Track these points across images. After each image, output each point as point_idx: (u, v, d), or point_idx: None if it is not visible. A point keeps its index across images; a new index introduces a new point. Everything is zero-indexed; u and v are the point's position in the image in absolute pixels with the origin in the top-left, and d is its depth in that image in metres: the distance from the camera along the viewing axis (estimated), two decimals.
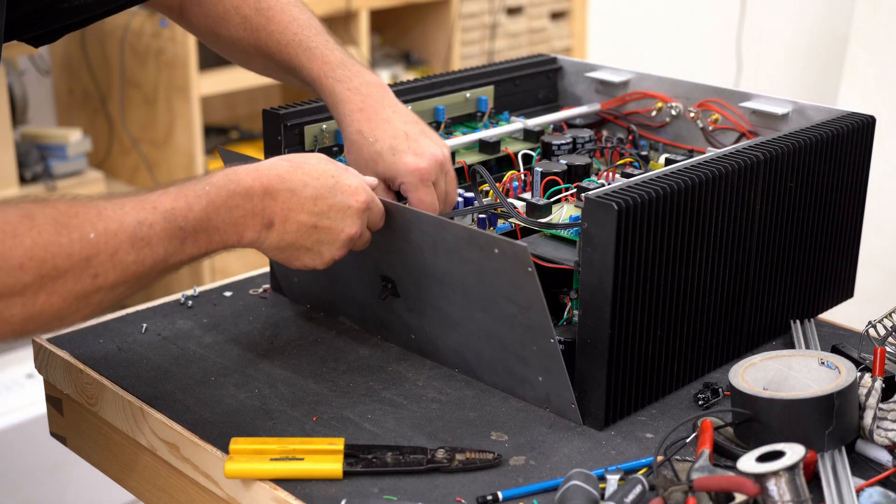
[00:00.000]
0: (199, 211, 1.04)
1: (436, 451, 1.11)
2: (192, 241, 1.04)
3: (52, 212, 0.95)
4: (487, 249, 1.13)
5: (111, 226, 0.98)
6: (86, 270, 0.96)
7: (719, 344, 1.28)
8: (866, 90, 2.97)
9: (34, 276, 0.93)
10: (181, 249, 1.03)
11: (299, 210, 1.10)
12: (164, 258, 1.02)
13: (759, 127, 1.47)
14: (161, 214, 1.01)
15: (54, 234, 0.94)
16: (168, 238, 1.01)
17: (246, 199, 1.07)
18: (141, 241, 0.99)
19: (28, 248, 0.93)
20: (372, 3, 3.35)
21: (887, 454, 1.10)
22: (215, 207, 1.05)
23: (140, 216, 1.00)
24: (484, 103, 1.57)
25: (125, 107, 3.15)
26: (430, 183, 1.26)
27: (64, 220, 0.95)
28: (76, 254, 0.95)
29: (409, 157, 1.25)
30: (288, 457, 1.09)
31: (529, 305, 1.13)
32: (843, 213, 1.40)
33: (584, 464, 1.11)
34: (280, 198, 1.09)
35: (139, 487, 1.29)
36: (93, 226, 0.97)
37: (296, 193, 1.10)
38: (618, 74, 1.61)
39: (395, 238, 1.22)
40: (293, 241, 1.11)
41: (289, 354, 1.33)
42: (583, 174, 1.39)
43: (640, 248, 1.13)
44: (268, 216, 1.09)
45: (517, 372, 1.20)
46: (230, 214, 1.06)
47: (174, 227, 1.02)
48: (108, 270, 0.98)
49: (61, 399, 1.37)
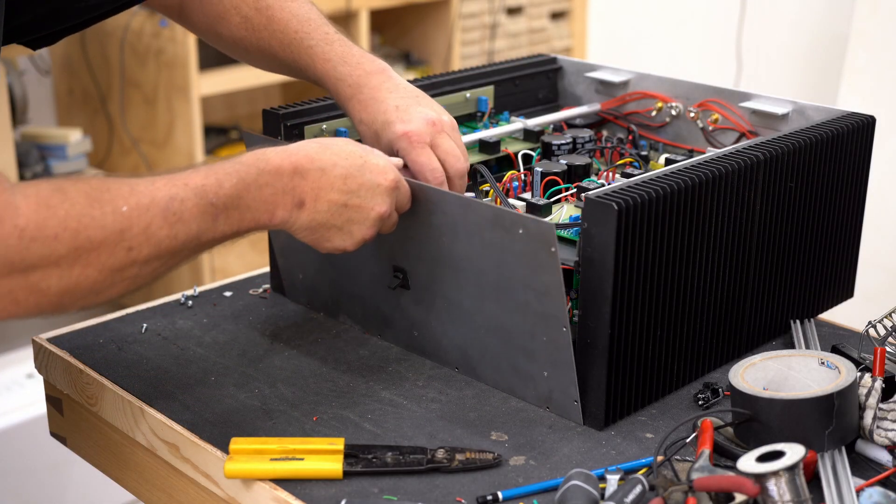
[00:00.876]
0: (229, 188, 1.04)
1: (436, 451, 1.11)
2: (224, 218, 1.04)
3: (84, 187, 0.96)
4: (512, 230, 1.13)
5: (143, 200, 0.98)
6: (120, 243, 0.97)
7: (719, 344, 1.28)
8: (866, 90, 2.97)
9: (69, 246, 0.94)
10: (213, 227, 1.04)
11: (329, 189, 1.11)
12: (196, 234, 1.02)
13: (759, 127, 1.47)
14: (192, 191, 1.01)
15: (87, 207, 0.95)
16: (200, 214, 1.02)
17: (276, 177, 1.08)
18: (173, 215, 1.00)
19: (62, 219, 0.93)
20: (372, 3, 3.35)
21: (887, 454, 1.10)
22: (245, 185, 1.05)
23: (172, 192, 1.00)
24: (484, 103, 1.57)
25: (125, 107, 3.15)
26: (425, 145, 1.25)
27: (96, 194, 0.96)
28: (109, 226, 0.96)
29: (398, 125, 1.26)
30: (288, 457, 1.09)
31: (546, 290, 1.13)
32: (843, 213, 1.40)
33: (584, 464, 1.11)
34: (310, 177, 1.09)
35: (139, 487, 1.29)
36: (125, 200, 0.97)
37: (326, 172, 1.10)
38: (618, 74, 1.61)
39: (415, 223, 1.22)
40: (324, 220, 1.12)
41: (289, 354, 1.33)
42: (583, 174, 1.39)
43: (640, 248, 1.13)
44: (298, 195, 1.09)
45: (521, 368, 1.20)
46: (260, 192, 1.06)
47: (206, 204, 1.02)
48: (141, 244, 0.98)
49: (61, 399, 1.37)
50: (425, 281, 1.26)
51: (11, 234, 0.91)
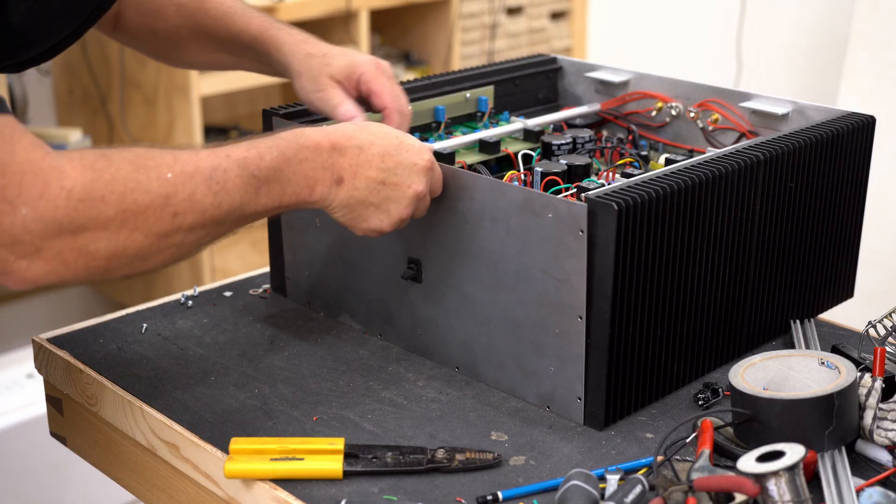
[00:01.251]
0: (270, 161, 1.06)
1: (436, 451, 1.11)
2: (265, 190, 1.06)
3: (128, 154, 0.99)
4: (541, 213, 1.14)
5: (187, 168, 1.01)
6: (166, 208, 0.99)
7: (719, 344, 1.28)
8: (866, 90, 2.97)
9: (116, 209, 0.96)
10: (255, 198, 1.06)
11: (367, 166, 1.13)
12: (240, 205, 1.05)
13: (759, 127, 1.47)
14: (235, 162, 1.04)
15: (133, 171, 0.97)
16: (243, 185, 1.04)
17: (315, 152, 1.10)
18: (217, 184, 1.02)
19: (108, 182, 0.95)
20: (372, 3, 3.35)
21: (887, 454, 1.10)
22: (286, 159, 1.08)
23: (215, 162, 1.03)
24: (484, 103, 1.57)
25: (125, 107, 3.15)
26: (390, 76, 1.30)
27: (140, 161, 0.99)
28: (155, 190, 0.98)
29: (360, 56, 1.30)
30: (288, 457, 1.09)
31: (567, 277, 1.14)
32: (843, 213, 1.40)
33: (584, 464, 1.11)
34: (349, 154, 1.12)
35: (139, 487, 1.29)
36: (169, 167, 1.00)
37: (364, 150, 1.13)
38: (618, 74, 1.61)
39: (439, 210, 1.23)
40: (363, 197, 1.14)
41: (289, 354, 1.33)
42: (583, 174, 1.39)
43: (640, 248, 1.13)
44: (337, 171, 1.12)
45: (527, 364, 1.20)
46: (301, 167, 1.09)
47: (248, 175, 1.05)
48: (186, 210, 1.00)
49: (61, 399, 1.37)
50: (439, 273, 1.26)
51: (59, 195, 0.93)
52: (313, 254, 1.41)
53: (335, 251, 1.38)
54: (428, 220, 1.25)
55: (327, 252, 1.39)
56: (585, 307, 1.13)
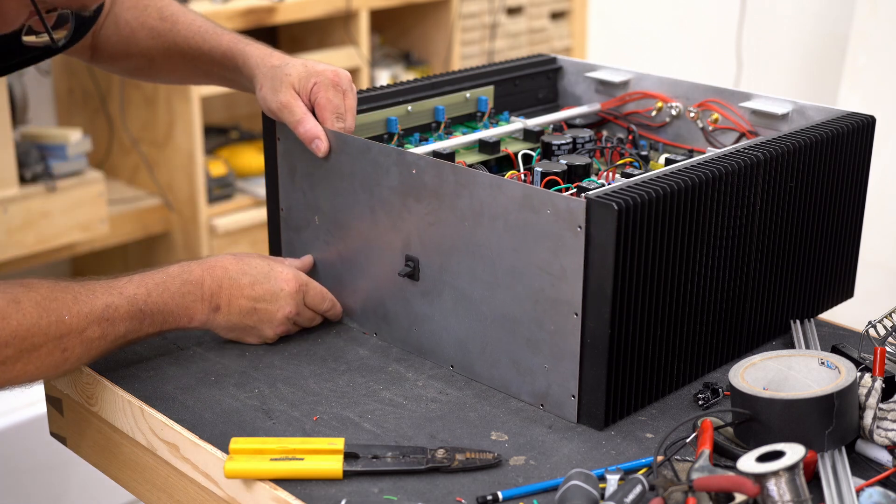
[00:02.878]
0: (157, 297, 1.25)
1: (436, 451, 1.11)
2: (149, 321, 1.25)
3: (35, 296, 1.16)
4: (540, 210, 1.15)
5: (84, 308, 1.19)
6: (58, 346, 1.17)
7: (719, 344, 1.28)
8: (866, 90, 2.97)
9: (16, 350, 1.14)
10: (139, 328, 1.24)
11: (239, 296, 1.30)
12: (124, 334, 1.23)
13: (759, 127, 1.47)
14: (126, 299, 1.23)
15: (36, 317, 1.15)
16: (129, 318, 1.23)
17: (197, 286, 1.28)
18: (106, 320, 1.21)
19: (14, 329, 1.14)
20: (372, 3, 3.35)
21: (887, 454, 1.10)
22: (171, 294, 1.26)
23: (108, 300, 1.21)
24: (484, 103, 1.57)
25: (125, 107, 3.15)
26: (342, 91, 1.34)
27: (45, 303, 1.16)
28: (52, 333, 1.16)
29: (320, 66, 1.36)
30: (288, 457, 1.09)
31: (563, 274, 1.14)
32: (843, 213, 1.40)
33: (584, 464, 1.11)
34: (224, 286, 1.30)
35: (139, 487, 1.29)
36: (68, 309, 1.18)
37: (236, 282, 1.30)
38: (618, 74, 1.61)
39: (438, 208, 1.24)
40: (238, 322, 1.31)
41: (289, 354, 1.33)
42: (583, 174, 1.39)
43: (640, 248, 1.13)
44: (215, 301, 1.29)
45: (521, 362, 1.21)
46: (183, 300, 1.27)
47: (135, 310, 1.23)
48: (76, 346, 1.19)
49: (61, 399, 1.37)
50: (436, 271, 1.26)
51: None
52: (311, 252, 1.41)
53: (333, 250, 1.38)
54: (426, 219, 1.25)
55: (326, 252, 1.39)
56: (581, 304, 1.13)
